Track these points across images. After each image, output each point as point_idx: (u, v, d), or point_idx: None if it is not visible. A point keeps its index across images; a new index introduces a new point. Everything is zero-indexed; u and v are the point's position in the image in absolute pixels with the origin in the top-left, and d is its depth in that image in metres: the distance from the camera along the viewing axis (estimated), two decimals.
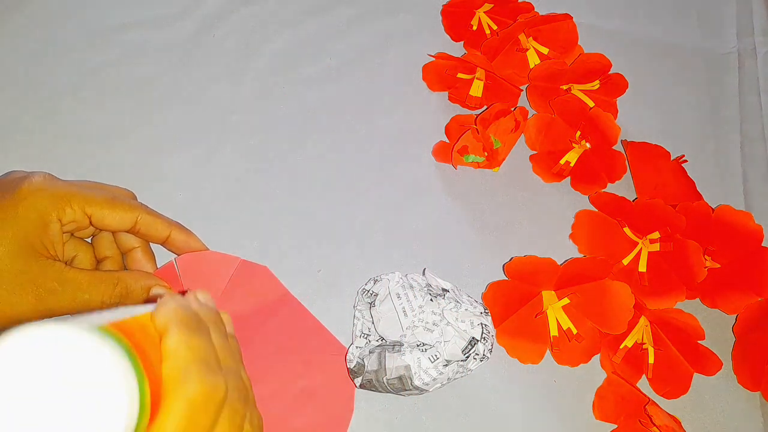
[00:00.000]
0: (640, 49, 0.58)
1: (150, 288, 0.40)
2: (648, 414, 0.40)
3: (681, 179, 0.50)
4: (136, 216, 0.41)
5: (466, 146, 0.49)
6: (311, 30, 0.57)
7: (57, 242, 0.38)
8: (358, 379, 0.40)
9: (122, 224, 0.41)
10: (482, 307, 0.42)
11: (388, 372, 0.40)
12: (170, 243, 0.43)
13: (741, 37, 0.59)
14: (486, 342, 0.41)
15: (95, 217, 0.39)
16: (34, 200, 0.37)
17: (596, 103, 0.52)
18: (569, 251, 0.48)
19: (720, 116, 0.55)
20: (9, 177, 0.40)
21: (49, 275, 0.37)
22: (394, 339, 0.41)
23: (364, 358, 0.41)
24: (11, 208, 0.37)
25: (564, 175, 0.51)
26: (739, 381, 0.44)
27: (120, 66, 0.54)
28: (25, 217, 0.37)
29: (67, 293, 0.37)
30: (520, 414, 0.43)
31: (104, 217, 0.40)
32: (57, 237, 0.38)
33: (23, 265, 0.36)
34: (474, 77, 0.53)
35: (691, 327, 0.44)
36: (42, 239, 0.37)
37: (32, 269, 0.36)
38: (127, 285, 0.39)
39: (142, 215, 0.41)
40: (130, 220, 0.41)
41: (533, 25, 0.54)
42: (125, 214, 0.40)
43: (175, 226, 0.43)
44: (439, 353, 0.40)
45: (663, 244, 0.46)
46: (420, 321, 0.41)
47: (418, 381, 0.39)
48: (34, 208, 0.37)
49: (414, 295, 0.42)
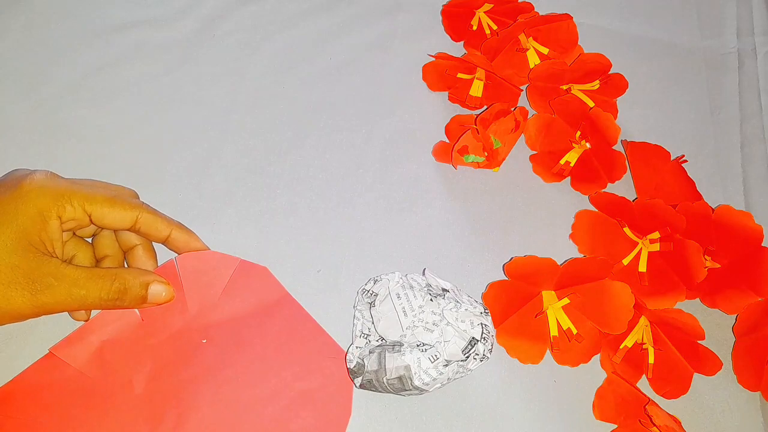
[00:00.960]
0: (640, 49, 0.58)
1: (149, 284, 0.41)
2: (648, 414, 0.40)
3: (681, 179, 0.50)
4: (136, 215, 0.41)
5: (466, 146, 0.49)
6: (311, 30, 0.57)
7: (56, 239, 0.39)
8: (358, 379, 0.40)
9: (123, 223, 0.41)
10: (482, 307, 0.42)
11: (388, 372, 0.40)
12: (171, 242, 0.43)
13: (741, 37, 0.59)
14: (486, 342, 0.41)
15: (95, 216, 0.40)
16: (34, 197, 0.38)
17: (596, 103, 0.52)
18: (569, 251, 0.48)
19: (720, 116, 0.55)
20: (12, 174, 0.40)
21: (45, 271, 0.37)
22: (394, 339, 0.41)
23: (364, 358, 0.41)
24: (11, 204, 0.37)
25: (564, 175, 0.51)
26: (739, 381, 0.44)
27: (120, 66, 0.54)
28: (25, 214, 0.37)
29: (64, 289, 0.37)
30: (520, 414, 0.43)
31: (104, 216, 0.40)
32: (56, 234, 0.39)
33: (20, 260, 0.37)
34: (474, 77, 0.53)
35: (691, 327, 0.44)
36: (41, 236, 0.38)
37: (29, 264, 0.37)
38: (125, 281, 0.39)
39: (143, 214, 0.41)
40: (130, 218, 0.41)
41: (533, 25, 0.54)
42: (126, 213, 0.40)
43: (175, 226, 0.43)
44: (439, 353, 0.40)
45: (663, 244, 0.46)
46: (420, 321, 0.41)
47: (418, 381, 0.39)
48: (34, 204, 0.38)
49: (414, 295, 0.42)
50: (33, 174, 0.39)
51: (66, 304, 0.38)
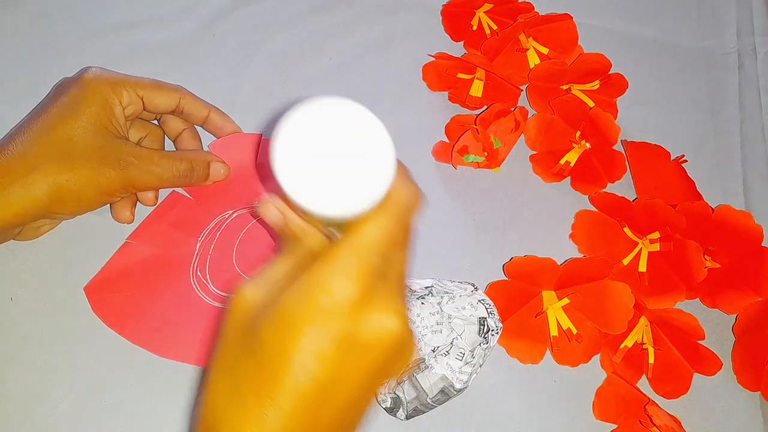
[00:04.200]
0: (640, 49, 0.58)
1: (209, 162, 0.46)
2: (648, 414, 0.40)
3: (681, 179, 0.50)
4: (179, 96, 0.46)
5: (466, 146, 0.49)
6: (311, 30, 0.57)
7: (122, 123, 0.43)
8: (401, 413, 0.40)
9: (169, 103, 0.45)
10: (468, 284, 0.42)
11: (429, 391, 0.39)
12: (209, 122, 0.48)
13: (741, 37, 0.59)
14: (493, 315, 0.41)
15: (146, 98, 0.44)
16: (97, 86, 0.42)
17: (596, 103, 0.52)
18: (569, 251, 0.48)
19: (720, 116, 0.55)
20: (64, 80, 0.44)
21: (126, 150, 0.42)
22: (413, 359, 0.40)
23: (396, 392, 0.40)
24: (80, 95, 0.42)
25: (564, 175, 0.51)
26: (739, 381, 0.44)
27: (120, 66, 0.54)
28: (94, 102, 0.41)
29: (144, 166, 0.42)
30: (520, 414, 0.43)
31: (154, 98, 0.44)
32: (122, 118, 0.43)
33: (102, 142, 0.41)
34: (474, 77, 0.53)
35: (691, 327, 0.44)
36: (111, 120, 0.42)
37: (111, 145, 0.41)
38: (191, 160, 0.45)
39: (185, 95, 0.46)
40: (174, 99, 0.45)
41: (533, 25, 0.54)
42: (171, 94, 0.45)
43: (213, 108, 0.48)
44: (462, 348, 0.40)
45: (663, 244, 0.46)
46: (425, 328, 0.41)
47: (460, 384, 0.39)
48: (98, 92, 0.42)
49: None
50: (89, 69, 0.43)
51: (146, 180, 0.43)
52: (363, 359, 0.26)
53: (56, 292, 0.44)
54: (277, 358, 0.25)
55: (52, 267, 0.45)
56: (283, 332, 0.25)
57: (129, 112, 0.44)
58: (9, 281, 0.44)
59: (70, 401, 0.41)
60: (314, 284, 0.26)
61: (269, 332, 0.26)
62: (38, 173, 0.39)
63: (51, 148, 0.40)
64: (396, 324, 0.26)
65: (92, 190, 0.41)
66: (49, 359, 0.42)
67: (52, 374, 0.42)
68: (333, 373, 0.26)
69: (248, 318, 0.27)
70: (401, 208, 0.28)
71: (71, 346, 0.42)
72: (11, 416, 0.40)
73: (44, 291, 0.44)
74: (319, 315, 0.25)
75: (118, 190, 0.42)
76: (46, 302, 0.44)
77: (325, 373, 0.25)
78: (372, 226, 0.27)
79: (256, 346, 0.26)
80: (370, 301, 0.26)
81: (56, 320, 0.43)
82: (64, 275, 0.44)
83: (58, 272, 0.44)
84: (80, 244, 0.45)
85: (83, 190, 0.41)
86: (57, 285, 0.44)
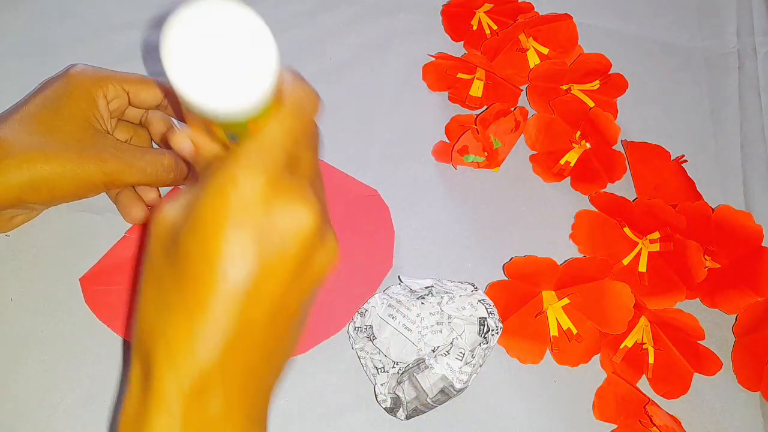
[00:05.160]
0: (640, 49, 0.58)
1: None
2: (648, 414, 0.40)
3: (681, 179, 0.50)
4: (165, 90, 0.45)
5: (466, 146, 0.49)
6: (311, 30, 0.57)
7: (106, 118, 0.43)
8: (401, 413, 0.40)
9: (155, 98, 0.45)
10: (468, 284, 0.42)
11: (429, 391, 0.39)
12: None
13: (741, 37, 0.59)
14: (493, 315, 0.41)
15: (132, 93, 0.44)
16: (81, 80, 0.42)
17: (596, 103, 0.52)
18: (569, 251, 0.48)
19: (720, 116, 0.55)
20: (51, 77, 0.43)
21: (107, 143, 0.41)
22: (413, 359, 0.40)
23: (395, 391, 0.40)
24: (64, 88, 0.41)
25: (564, 175, 0.51)
26: (739, 381, 0.44)
27: (120, 66, 0.54)
28: (77, 95, 0.41)
29: (126, 160, 0.41)
30: (520, 414, 0.43)
31: (139, 92, 0.44)
32: (105, 112, 0.43)
33: (83, 135, 0.41)
34: (474, 77, 0.53)
35: (691, 327, 0.44)
36: (94, 113, 0.42)
37: (92, 138, 0.41)
38: (175, 155, 0.43)
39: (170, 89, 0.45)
40: (160, 93, 0.45)
41: (533, 25, 0.54)
42: (156, 90, 0.45)
43: None
44: (462, 348, 0.40)
45: (663, 244, 0.46)
46: (425, 328, 0.41)
47: (459, 384, 0.39)
48: (83, 86, 0.42)
49: (406, 307, 0.41)
50: (75, 65, 0.43)
51: (128, 174, 0.41)
52: (283, 252, 0.27)
53: (56, 292, 0.44)
54: (200, 264, 0.26)
55: (52, 267, 0.45)
56: (200, 235, 0.26)
57: (114, 106, 0.43)
58: (9, 281, 0.44)
59: (70, 401, 0.41)
60: (223, 183, 0.26)
61: (188, 239, 0.26)
62: (12, 159, 0.39)
63: (28, 135, 0.39)
64: (309, 214, 0.27)
65: (68, 182, 0.40)
66: (49, 359, 0.42)
67: (52, 374, 0.42)
68: (255, 268, 0.26)
69: (168, 233, 0.27)
70: (298, 107, 0.29)
71: (71, 346, 0.42)
72: (11, 416, 0.40)
73: (44, 291, 0.44)
74: (232, 211, 0.26)
75: (97, 185, 0.41)
76: (46, 302, 0.44)
77: (247, 268, 0.26)
78: (273, 126, 0.27)
79: (179, 256, 0.26)
80: (281, 192, 0.26)
81: (56, 320, 0.43)
82: (65, 275, 0.44)
83: (58, 272, 0.44)
84: (81, 244, 0.45)
85: (58, 181, 0.40)
86: (57, 285, 0.44)
